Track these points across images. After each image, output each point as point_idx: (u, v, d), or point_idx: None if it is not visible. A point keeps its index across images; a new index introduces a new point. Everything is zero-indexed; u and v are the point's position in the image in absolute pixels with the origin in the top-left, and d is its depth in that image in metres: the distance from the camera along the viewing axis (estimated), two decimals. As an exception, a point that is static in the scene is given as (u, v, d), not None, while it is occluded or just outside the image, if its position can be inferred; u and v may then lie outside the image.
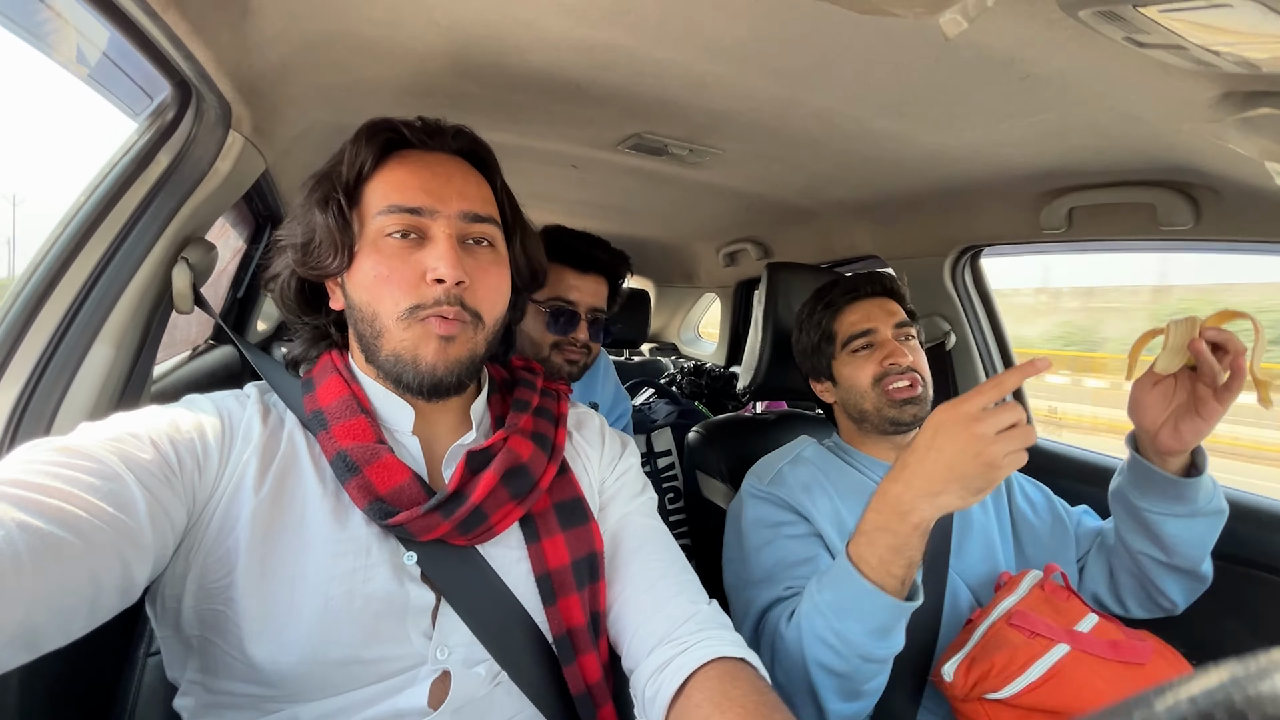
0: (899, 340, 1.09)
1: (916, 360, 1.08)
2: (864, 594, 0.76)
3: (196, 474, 0.58)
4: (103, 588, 0.48)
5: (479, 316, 0.67)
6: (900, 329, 1.10)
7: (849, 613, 0.77)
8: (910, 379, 1.06)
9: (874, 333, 1.10)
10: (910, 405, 1.06)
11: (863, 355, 1.10)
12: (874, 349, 1.10)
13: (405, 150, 0.69)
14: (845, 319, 1.13)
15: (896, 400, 1.06)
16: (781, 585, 0.94)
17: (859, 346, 1.11)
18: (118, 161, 0.76)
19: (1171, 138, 0.87)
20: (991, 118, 0.92)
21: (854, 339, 1.11)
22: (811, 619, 0.80)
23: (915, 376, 1.07)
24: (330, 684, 0.59)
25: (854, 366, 1.11)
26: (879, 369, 1.07)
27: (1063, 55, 0.66)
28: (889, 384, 1.07)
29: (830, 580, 0.80)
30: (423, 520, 0.61)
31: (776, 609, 0.91)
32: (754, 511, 1.05)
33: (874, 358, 1.09)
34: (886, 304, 1.12)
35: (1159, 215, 1.08)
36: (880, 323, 1.10)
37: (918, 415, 1.07)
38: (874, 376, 1.08)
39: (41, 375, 0.72)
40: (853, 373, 1.11)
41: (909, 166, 1.21)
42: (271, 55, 0.78)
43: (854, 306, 1.13)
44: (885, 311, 1.11)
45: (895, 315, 1.11)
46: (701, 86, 0.92)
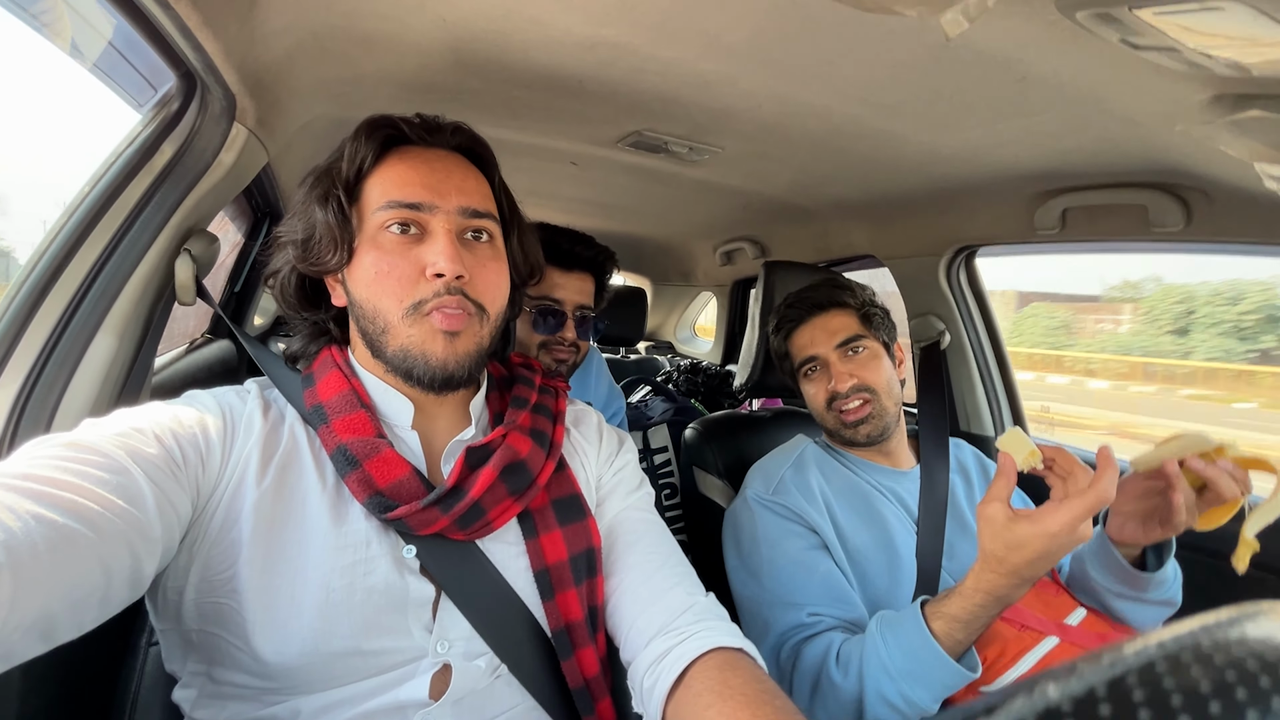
0: (845, 357, 1.11)
1: (865, 375, 1.09)
2: (944, 668, 0.77)
3: (200, 468, 0.59)
4: (114, 579, 0.48)
5: (482, 308, 0.68)
6: (844, 346, 1.11)
7: (922, 681, 0.78)
8: (860, 398, 1.08)
9: (816, 358, 1.13)
10: (863, 425, 1.08)
11: (814, 378, 1.14)
12: (821, 371, 1.13)
13: (405, 146, 0.69)
14: (794, 343, 1.16)
15: (848, 423, 1.09)
16: (804, 611, 0.94)
17: (807, 371, 1.14)
18: (122, 152, 0.76)
19: (1164, 140, 0.89)
20: (989, 118, 0.93)
21: (804, 364, 1.14)
22: (879, 680, 0.80)
23: (864, 395, 1.08)
24: (332, 676, 0.60)
25: (809, 388, 1.15)
26: (827, 394, 1.10)
27: (1059, 57, 0.67)
28: (839, 407, 1.09)
29: (904, 646, 0.79)
30: (422, 515, 0.62)
31: (801, 637, 0.92)
32: (764, 521, 1.06)
33: (821, 382, 1.12)
34: (830, 320, 1.13)
35: (1151, 217, 1.09)
36: (821, 346, 1.12)
37: (871, 433, 1.09)
38: (825, 400, 1.11)
39: (45, 365, 0.72)
40: (810, 394, 1.15)
41: (906, 166, 1.22)
42: (277, 47, 0.78)
43: (799, 330, 1.16)
44: (826, 332, 1.12)
45: (837, 333, 1.11)
46: (703, 84, 0.92)
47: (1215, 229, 1.06)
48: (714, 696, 0.58)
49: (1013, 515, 0.72)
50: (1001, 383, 1.60)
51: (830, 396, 1.10)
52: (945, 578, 1.03)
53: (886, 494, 1.10)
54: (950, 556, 1.05)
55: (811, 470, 1.10)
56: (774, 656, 0.94)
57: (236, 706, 0.60)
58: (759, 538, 1.04)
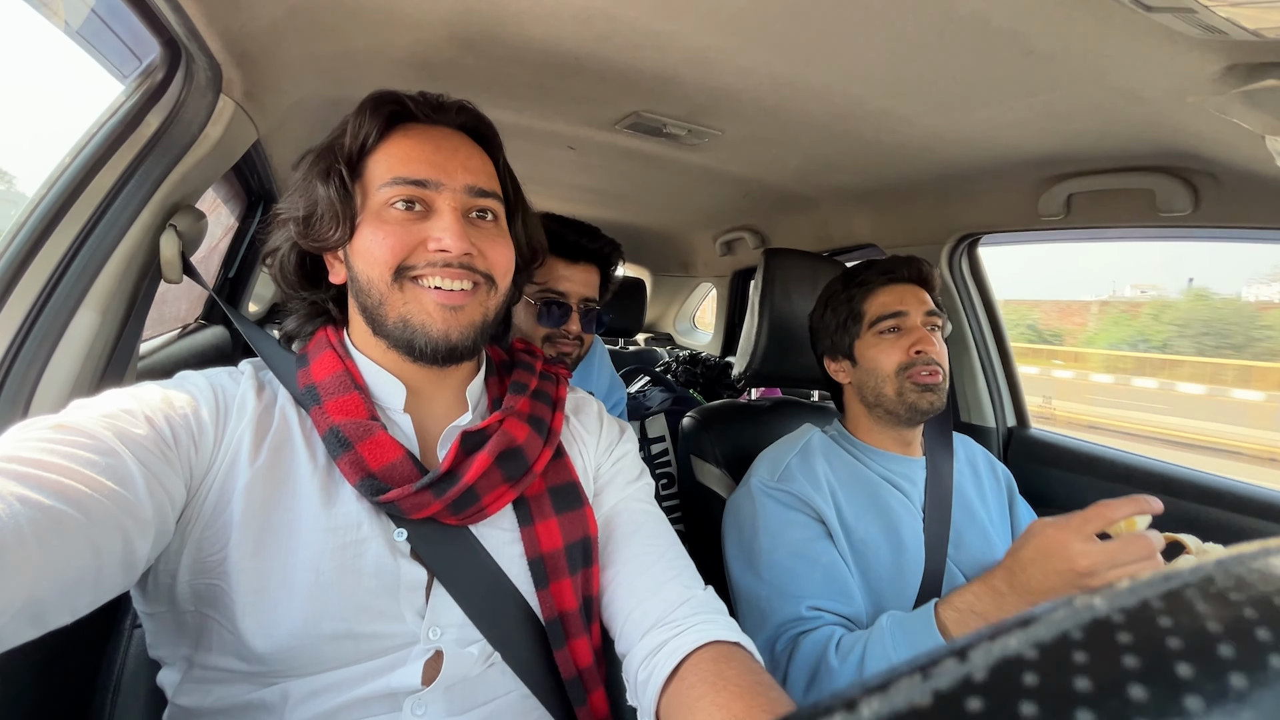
0: (927, 329, 1.08)
1: (940, 352, 1.07)
2: None
3: (192, 449, 0.58)
4: (105, 562, 0.47)
5: (491, 279, 0.67)
6: (930, 317, 1.09)
7: None
8: (932, 369, 1.05)
9: (905, 315, 1.08)
10: (929, 393, 1.05)
11: (889, 339, 1.08)
12: (901, 334, 1.08)
13: (409, 123, 0.68)
14: (877, 299, 1.11)
15: (919, 385, 1.04)
16: (803, 604, 0.93)
17: (886, 329, 1.09)
18: (105, 123, 0.74)
19: (1173, 119, 0.87)
20: (993, 97, 0.91)
21: (883, 319, 1.09)
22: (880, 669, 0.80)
23: (937, 368, 1.06)
24: (322, 659, 0.59)
25: (879, 349, 1.09)
26: (905, 356, 1.06)
27: (1067, 26, 0.65)
28: (915, 372, 1.05)
29: (912, 642, 0.81)
30: (414, 498, 0.61)
31: (799, 631, 0.91)
32: (766, 509, 1.04)
33: (901, 343, 1.07)
34: (919, 291, 1.11)
35: (1158, 201, 1.07)
36: (912, 308, 1.08)
37: (934, 404, 1.06)
38: (899, 363, 1.06)
39: (24, 341, 0.70)
40: (877, 355, 1.09)
41: (908, 151, 1.20)
42: (263, 16, 0.76)
43: (888, 289, 1.11)
44: (918, 299, 1.10)
45: (926, 304, 1.10)
46: (701, 61, 0.91)
47: (1223, 213, 1.04)
48: (707, 688, 0.57)
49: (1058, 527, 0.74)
50: (1003, 373, 1.58)
51: (908, 361, 1.06)
52: (951, 567, 1.01)
53: (894, 482, 1.08)
54: (957, 546, 1.04)
55: (818, 458, 1.08)
56: (769, 647, 0.93)
57: (223, 690, 0.59)
58: (760, 526, 1.02)
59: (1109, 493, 1.31)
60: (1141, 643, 0.09)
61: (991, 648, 0.10)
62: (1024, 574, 0.75)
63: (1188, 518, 1.20)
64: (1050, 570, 0.71)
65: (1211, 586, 0.10)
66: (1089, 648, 0.09)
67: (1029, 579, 0.74)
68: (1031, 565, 0.73)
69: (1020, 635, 0.10)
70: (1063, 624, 0.10)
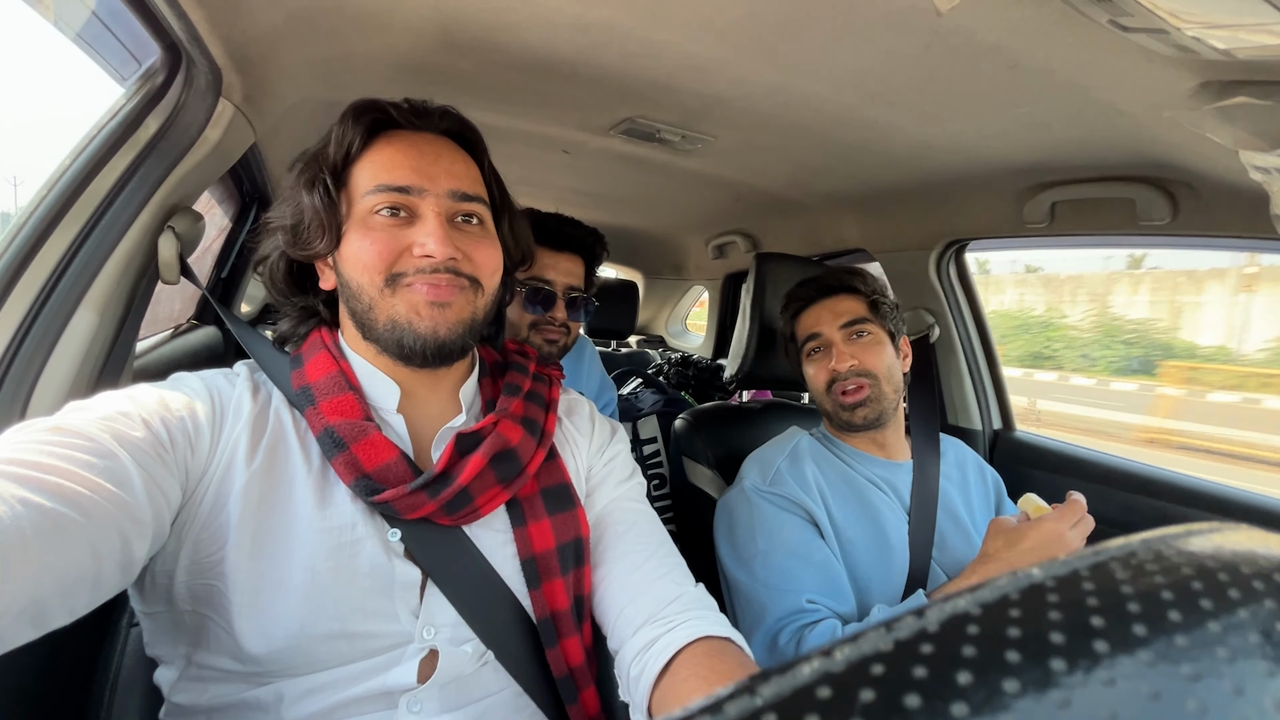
0: (849, 339, 1.11)
1: (865, 359, 1.09)
2: None
3: (189, 452, 0.58)
4: (104, 563, 0.48)
5: (477, 282, 0.68)
6: (849, 328, 1.12)
7: None
8: (856, 383, 1.08)
9: (819, 337, 1.13)
10: (860, 408, 1.09)
11: (816, 359, 1.14)
12: (823, 352, 1.13)
13: (393, 131, 0.69)
14: (801, 323, 1.17)
15: (845, 405, 1.09)
16: (801, 597, 0.95)
17: (810, 350, 1.15)
18: (105, 125, 0.75)
19: (1151, 131, 0.90)
20: (978, 108, 0.93)
21: (806, 342, 1.15)
22: None
23: (861, 381, 1.08)
24: (318, 659, 0.59)
25: (810, 369, 1.15)
26: (828, 375, 1.11)
27: (1049, 42, 0.67)
28: (837, 390, 1.10)
29: None
30: (408, 499, 0.61)
31: (799, 622, 0.93)
32: (760, 512, 1.06)
33: (824, 363, 1.12)
34: (838, 304, 1.14)
35: (1138, 210, 1.10)
36: (826, 326, 1.12)
37: (868, 416, 1.09)
38: (825, 382, 1.11)
39: (22, 341, 0.71)
40: (811, 376, 1.15)
41: (896, 158, 1.23)
42: (264, 21, 0.77)
43: (807, 310, 1.16)
44: (833, 313, 1.13)
45: (843, 315, 1.12)
46: (695, 70, 0.92)
47: (1201, 222, 1.07)
48: (700, 681, 0.58)
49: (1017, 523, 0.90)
50: (990, 377, 1.61)
51: (831, 378, 1.10)
52: (935, 568, 1.03)
53: (880, 485, 1.10)
54: (941, 548, 1.06)
55: (806, 461, 1.10)
56: (771, 641, 0.95)
57: (218, 689, 0.59)
58: (756, 528, 1.04)
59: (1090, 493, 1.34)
60: (1065, 602, 0.11)
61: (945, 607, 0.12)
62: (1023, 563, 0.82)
63: (1166, 518, 1.23)
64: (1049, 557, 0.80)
65: (1133, 559, 0.12)
66: (1022, 605, 0.11)
67: (1000, 555, 0.87)
68: (1030, 555, 0.86)
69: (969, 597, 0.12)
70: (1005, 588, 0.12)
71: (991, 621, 0.11)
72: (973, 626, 0.11)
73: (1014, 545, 0.87)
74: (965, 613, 0.11)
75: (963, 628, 0.11)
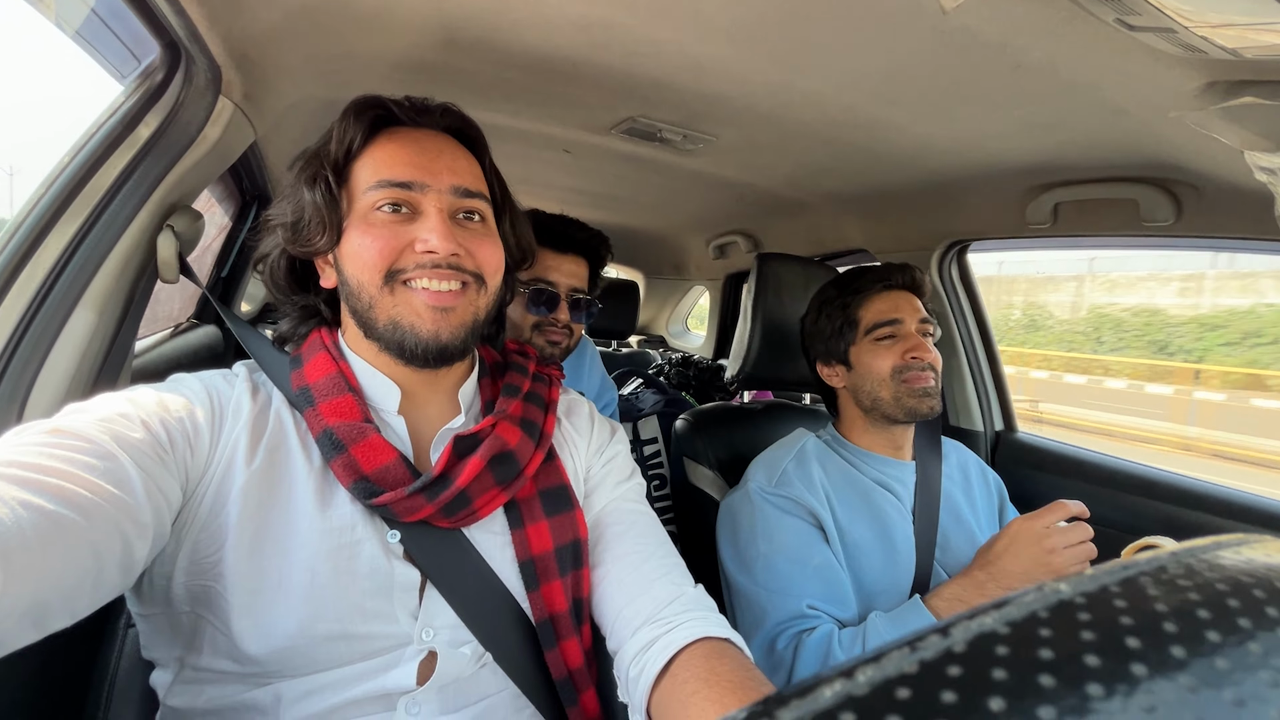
0: (921, 335, 1.10)
1: (935, 358, 1.10)
2: None
3: (188, 453, 0.58)
4: (105, 564, 0.48)
5: (480, 278, 0.67)
6: (923, 324, 1.11)
7: None
8: (927, 374, 1.08)
9: (900, 323, 1.10)
10: (926, 397, 1.07)
11: (885, 344, 1.10)
12: (897, 340, 1.10)
13: (394, 127, 0.69)
14: (873, 306, 1.13)
15: (916, 390, 1.07)
16: (803, 601, 0.95)
17: (883, 335, 1.11)
18: (104, 123, 0.74)
19: (1156, 131, 0.89)
20: (982, 108, 0.93)
21: (880, 326, 1.11)
22: None
23: (931, 372, 1.08)
24: (316, 660, 0.59)
25: (875, 354, 1.11)
26: (900, 360, 1.08)
27: (1054, 41, 0.67)
28: (910, 375, 1.08)
29: (906, 628, 0.86)
30: (407, 501, 0.61)
31: (798, 628, 0.93)
32: (765, 515, 1.05)
33: (896, 349, 1.09)
34: (913, 299, 1.13)
35: (1142, 211, 1.10)
36: (907, 315, 1.11)
37: (933, 408, 1.08)
38: (894, 367, 1.08)
39: (20, 340, 0.70)
40: (873, 360, 1.11)
41: (899, 158, 1.22)
42: (263, 20, 0.76)
43: (884, 296, 1.13)
44: (912, 306, 1.12)
45: (920, 311, 1.12)
46: (697, 69, 0.92)
47: (1205, 224, 1.07)
48: (700, 683, 0.58)
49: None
50: (991, 377, 1.60)
51: (901, 366, 1.08)
52: (938, 570, 1.03)
53: (886, 485, 1.10)
54: (944, 549, 1.06)
55: (813, 463, 1.10)
56: (769, 645, 0.94)
57: (215, 691, 0.59)
58: (758, 531, 1.04)
59: (1092, 495, 1.35)
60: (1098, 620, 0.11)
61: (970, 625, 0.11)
62: (1000, 562, 0.88)
63: (1168, 521, 1.23)
64: (1022, 553, 0.86)
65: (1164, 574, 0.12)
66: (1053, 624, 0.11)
67: (1005, 564, 0.87)
68: (1006, 553, 0.88)
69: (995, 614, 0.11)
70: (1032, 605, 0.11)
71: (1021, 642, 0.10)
72: (1002, 647, 0.10)
73: (989, 547, 0.90)
74: (993, 632, 0.11)
75: (991, 649, 0.10)
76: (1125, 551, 0.88)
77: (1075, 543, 0.86)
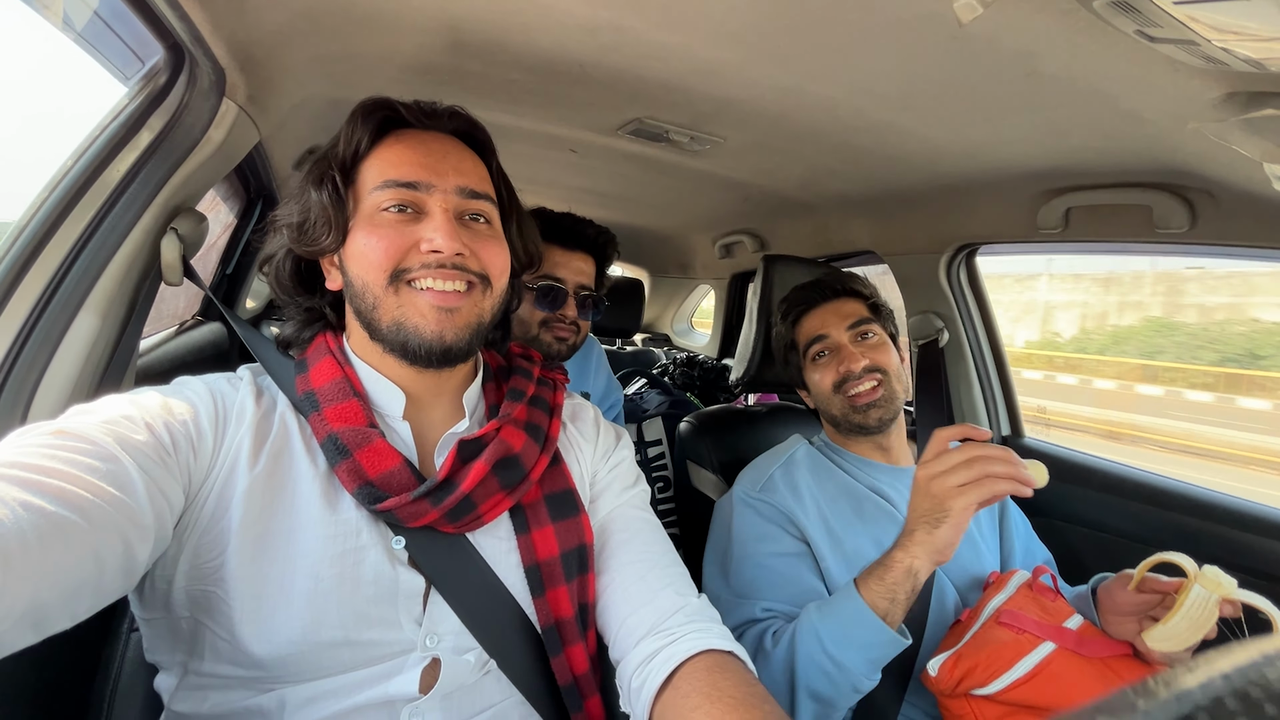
0: (856, 340, 1.10)
1: (876, 357, 1.08)
2: (873, 628, 0.80)
3: (191, 456, 0.58)
4: (106, 567, 0.48)
5: (485, 279, 0.67)
6: (856, 328, 1.10)
7: (852, 644, 0.81)
8: (872, 379, 1.07)
9: (826, 338, 1.11)
10: (874, 409, 1.07)
11: (823, 362, 1.12)
12: (830, 355, 1.11)
13: (402, 129, 0.69)
14: (803, 328, 1.15)
15: (859, 405, 1.08)
16: (758, 606, 0.95)
17: (816, 354, 1.13)
18: (107, 125, 0.74)
19: (1172, 139, 0.87)
20: (995, 113, 0.91)
21: (810, 345, 1.13)
22: (809, 646, 0.83)
23: (876, 377, 1.07)
24: (320, 666, 0.59)
25: (817, 374, 1.13)
26: (837, 375, 1.09)
27: (1071, 50, 0.66)
28: (849, 389, 1.08)
29: (835, 611, 0.84)
30: (411, 507, 0.61)
31: (752, 630, 0.93)
32: (742, 519, 1.05)
33: (832, 364, 1.10)
34: (842, 305, 1.13)
35: (1155, 217, 1.08)
36: (832, 327, 1.11)
37: (883, 418, 1.08)
38: (833, 383, 1.10)
39: (24, 343, 0.70)
40: (817, 380, 1.13)
41: (909, 161, 1.21)
42: (268, 21, 0.76)
43: (809, 315, 1.15)
44: (839, 315, 1.12)
45: (849, 316, 1.11)
46: (706, 72, 0.91)
47: (1220, 231, 1.05)
48: (702, 698, 0.58)
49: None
50: (999, 383, 1.59)
51: (841, 379, 1.08)
52: (940, 576, 1.02)
53: (882, 493, 1.09)
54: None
55: (801, 471, 1.09)
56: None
57: (220, 696, 0.59)
58: (734, 535, 1.04)
59: (1101, 503, 1.33)
60: None
61: None
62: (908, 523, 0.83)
63: (1179, 530, 1.22)
64: (919, 504, 0.82)
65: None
66: None
67: (910, 523, 0.82)
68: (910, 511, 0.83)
69: None
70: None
71: None
72: None
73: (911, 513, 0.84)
74: None
75: None
76: (1140, 568, 0.85)
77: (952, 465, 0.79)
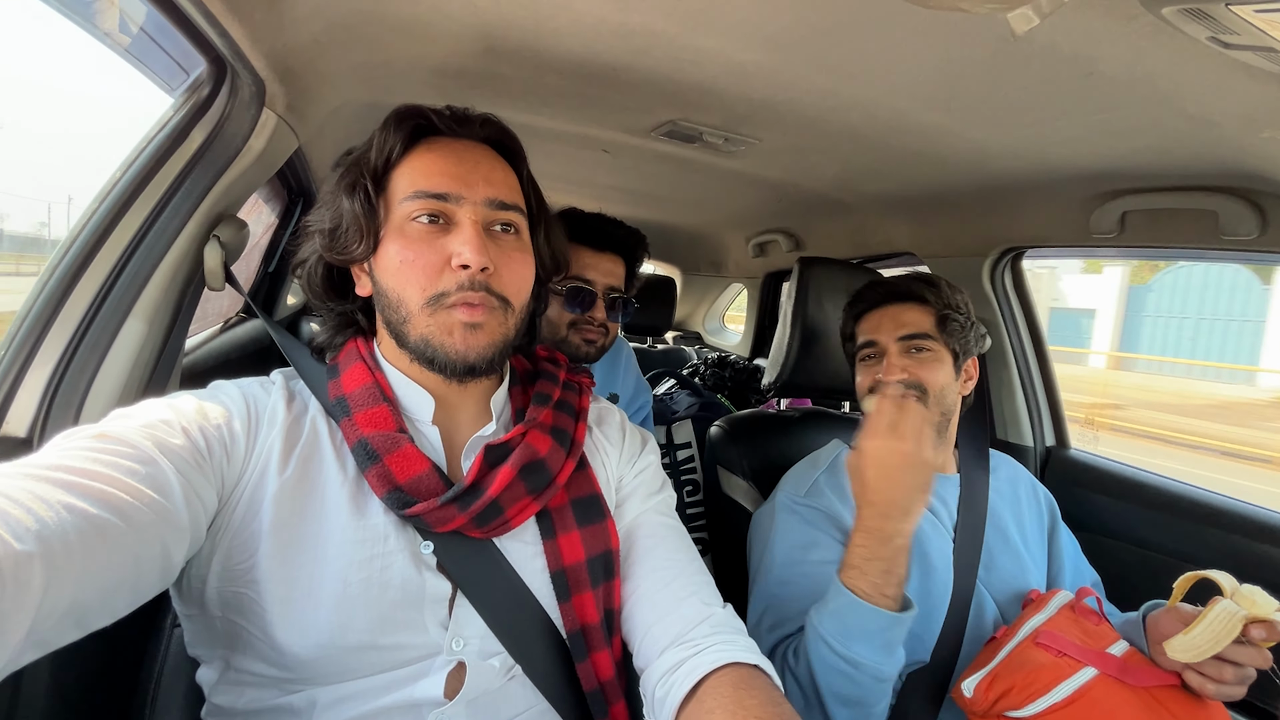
0: (905, 352, 1.05)
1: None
2: (867, 614, 0.80)
3: (225, 459, 0.59)
4: (144, 568, 0.49)
5: (507, 302, 0.67)
6: (908, 340, 1.05)
7: (856, 636, 0.80)
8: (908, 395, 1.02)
9: (874, 345, 1.09)
10: None
11: (867, 365, 1.10)
12: (874, 360, 1.09)
13: (433, 137, 0.69)
14: (862, 326, 1.13)
15: None
16: (798, 624, 0.93)
17: (865, 355, 1.11)
18: (153, 138, 0.76)
19: (1241, 142, 0.82)
20: (1048, 115, 0.87)
21: (862, 347, 1.11)
22: (820, 650, 0.82)
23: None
24: (348, 669, 0.60)
25: (861, 375, 1.12)
26: (873, 382, 1.06)
27: (1134, 54, 0.62)
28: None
29: (830, 610, 0.83)
30: (439, 512, 0.61)
31: (786, 643, 0.92)
32: (786, 526, 1.03)
33: (872, 369, 1.08)
34: (902, 313, 1.08)
35: (1221, 224, 1.02)
36: (884, 335, 1.07)
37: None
38: (869, 387, 1.08)
39: (76, 350, 0.73)
40: (859, 380, 1.12)
41: (952, 162, 1.16)
42: (305, 33, 0.77)
43: (868, 315, 1.12)
44: (895, 322, 1.07)
45: (905, 326, 1.06)
46: (741, 75, 0.88)
47: (1293, 238, 0.98)
48: (726, 715, 0.57)
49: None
50: (1044, 391, 1.53)
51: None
52: (980, 589, 0.99)
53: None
54: (988, 568, 1.01)
55: (844, 473, 1.06)
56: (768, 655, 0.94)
57: (255, 693, 0.61)
58: (778, 540, 1.02)
59: (1150, 521, 1.27)
60: None
61: None
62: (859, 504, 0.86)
63: (1231, 552, 1.15)
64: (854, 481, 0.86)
65: None
66: None
67: (863, 502, 0.85)
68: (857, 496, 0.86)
69: None
70: None
71: None
72: None
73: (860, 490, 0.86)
74: None
75: None
76: (1178, 584, 0.81)
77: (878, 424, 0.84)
